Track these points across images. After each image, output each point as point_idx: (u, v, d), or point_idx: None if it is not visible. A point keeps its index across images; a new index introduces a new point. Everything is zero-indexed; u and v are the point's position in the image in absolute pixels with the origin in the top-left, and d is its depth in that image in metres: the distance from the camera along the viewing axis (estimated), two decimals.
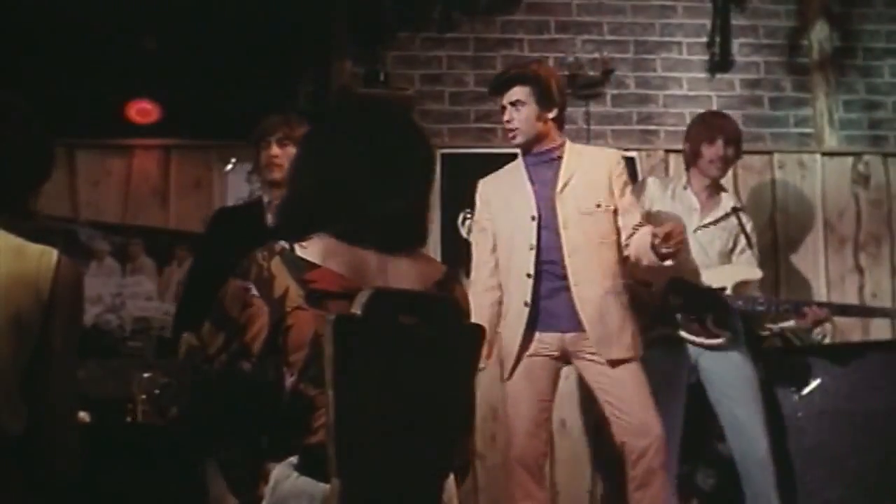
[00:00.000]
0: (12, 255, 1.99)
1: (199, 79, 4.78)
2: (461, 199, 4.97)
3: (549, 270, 3.79)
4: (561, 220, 3.78)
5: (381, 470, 2.05)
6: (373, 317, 2.01)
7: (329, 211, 2.15)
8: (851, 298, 5.11)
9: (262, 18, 4.84)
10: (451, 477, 2.21)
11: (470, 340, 2.25)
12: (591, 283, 3.76)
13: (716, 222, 4.24)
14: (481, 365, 3.66)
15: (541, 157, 3.90)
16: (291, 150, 3.64)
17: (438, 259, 3.88)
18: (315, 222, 2.15)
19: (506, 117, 3.88)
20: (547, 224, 3.81)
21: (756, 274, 4.24)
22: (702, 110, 4.94)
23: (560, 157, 3.88)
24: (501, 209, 3.92)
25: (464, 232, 5.00)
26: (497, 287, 3.94)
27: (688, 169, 4.35)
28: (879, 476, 4.24)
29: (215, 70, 4.79)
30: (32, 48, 4.71)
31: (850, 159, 5.29)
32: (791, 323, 4.27)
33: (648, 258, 3.73)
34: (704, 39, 5.25)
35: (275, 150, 3.68)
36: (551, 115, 3.86)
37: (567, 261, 3.76)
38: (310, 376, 2.06)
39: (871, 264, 5.21)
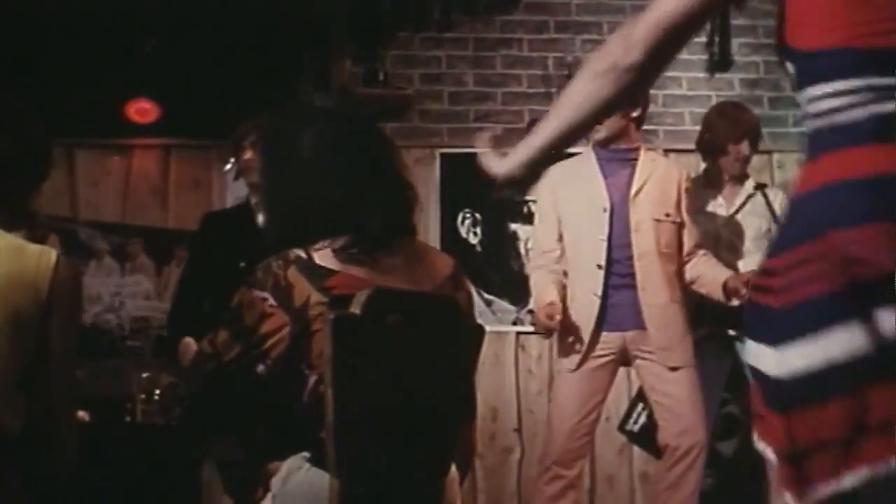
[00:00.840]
0: (11, 254, 1.99)
1: (198, 79, 4.78)
2: (461, 198, 4.98)
3: (616, 267, 3.75)
4: (633, 223, 3.75)
5: (380, 469, 2.05)
6: (371, 316, 2.01)
7: (319, 222, 2.15)
8: None
9: (262, 18, 4.84)
10: (452, 475, 2.21)
11: (470, 339, 2.25)
12: (658, 290, 3.73)
13: (741, 208, 4.20)
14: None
15: (616, 154, 3.84)
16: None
17: None
18: (309, 233, 2.15)
19: None
20: (619, 219, 3.76)
21: None
22: (701, 110, 4.93)
23: (636, 160, 3.84)
24: (569, 198, 3.84)
25: (463, 231, 5.00)
26: (563, 275, 3.87)
27: (704, 160, 4.32)
28: None
29: (214, 70, 4.79)
30: (32, 48, 4.71)
31: None
32: None
33: (714, 293, 3.79)
34: (704, 39, 5.25)
35: (248, 154, 3.74)
36: (634, 113, 3.81)
37: (637, 264, 3.72)
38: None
39: None
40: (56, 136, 2.32)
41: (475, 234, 4.99)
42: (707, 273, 3.84)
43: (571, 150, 3.99)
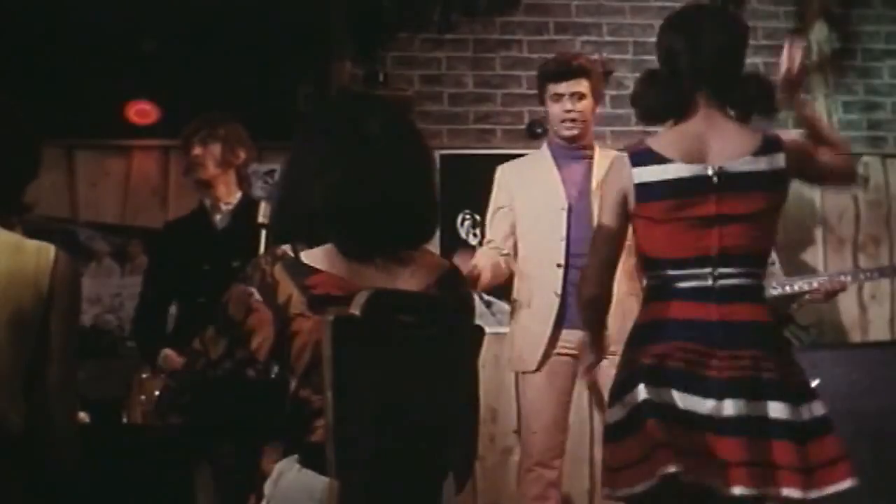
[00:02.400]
0: (10, 251, 2.00)
1: (198, 79, 4.78)
2: (461, 199, 4.98)
3: (575, 264, 3.73)
4: (596, 216, 3.75)
5: (379, 470, 2.05)
6: (371, 317, 2.01)
7: (324, 219, 2.14)
8: (850, 299, 5.11)
9: (262, 19, 4.84)
10: (451, 478, 2.21)
11: (470, 340, 2.24)
12: (616, 283, 3.74)
13: None
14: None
15: (574, 152, 3.88)
16: (215, 148, 3.75)
17: None
18: (311, 231, 2.14)
19: (566, 107, 3.83)
20: (578, 217, 3.77)
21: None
22: None
23: (591, 156, 3.88)
24: (525, 196, 3.87)
25: (462, 232, 5.00)
26: (505, 262, 3.86)
27: None
28: (877, 476, 4.24)
29: (215, 71, 4.79)
30: (32, 49, 4.71)
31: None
32: (807, 297, 4.32)
33: None
34: None
35: (197, 150, 3.75)
36: (597, 111, 3.92)
37: None
38: (311, 382, 2.06)
39: (870, 265, 5.21)
40: (56, 137, 2.33)
41: (474, 235, 4.99)
42: None
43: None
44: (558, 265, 3.75)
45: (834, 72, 5.33)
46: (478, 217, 4.97)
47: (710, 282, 2.55)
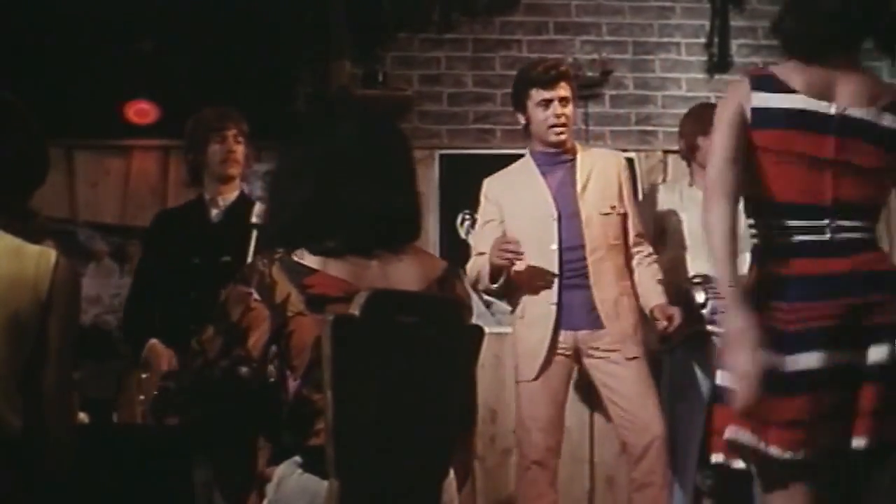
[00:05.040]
0: (11, 255, 2.00)
1: (197, 79, 4.77)
2: (460, 199, 4.97)
3: (567, 271, 3.79)
4: (584, 218, 3.81)
5: (379, 470, 2.05)
6: (371, 317, 2.01)
7: (323, 221, 2.15)
8: None
9: (261, 18, 4.83)
10: (451, 478, 2.21)
11: (469, 341, 2.25)
12: (608, 284, 3.80)
13: None
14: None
15: (556, 158, 3.91)
16: (243, 145, 3.74)
17: None
18: (309, 234, 2.15)
19: (557, 111, 3.83)
20: (568, 224, 3.81)
21: None
22: None
23: (573, 158, 3.90)
24: (514, 207, 3.90)
25: (462, 233, 4.99)
26: None
27: (689, 165, 4.36)
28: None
29: (214, 70, 4.79)
30: (31, 48, 4.71)
31: None
32: None
33: (645, 306, 3.86)
34: (703, 40, 5.25)
35: (233, 144, 3.72)
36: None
37: (588, 259, 3.78)
38: (313, 381, 2.06)
39: None
40: (55, 137, 2.33)
41: None
42: (641, 287, 3.89)
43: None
44: (553, 275, 3.79)
45: None
46: (477, 217, 4.97)
47: (827, 235, 2.43)
